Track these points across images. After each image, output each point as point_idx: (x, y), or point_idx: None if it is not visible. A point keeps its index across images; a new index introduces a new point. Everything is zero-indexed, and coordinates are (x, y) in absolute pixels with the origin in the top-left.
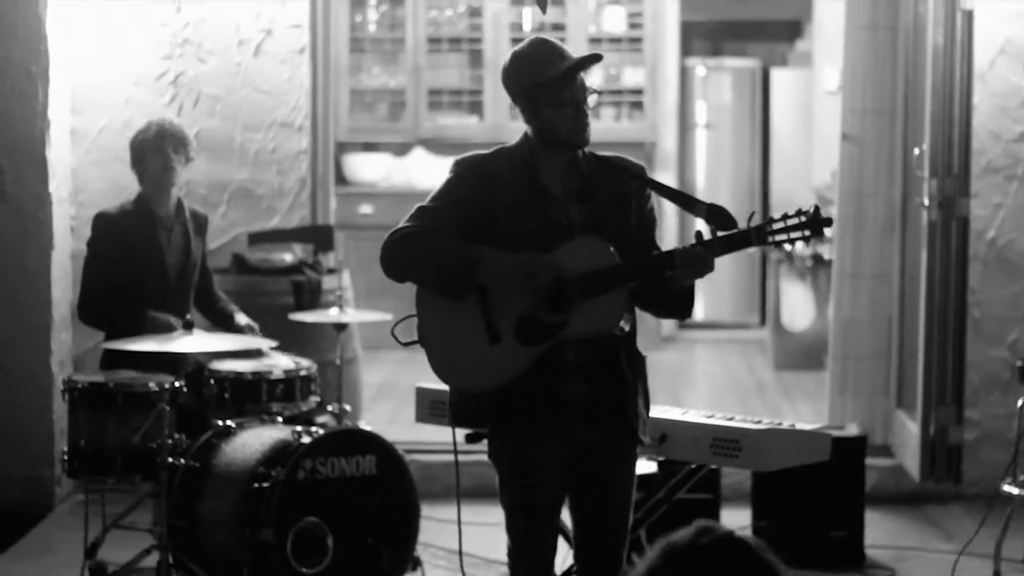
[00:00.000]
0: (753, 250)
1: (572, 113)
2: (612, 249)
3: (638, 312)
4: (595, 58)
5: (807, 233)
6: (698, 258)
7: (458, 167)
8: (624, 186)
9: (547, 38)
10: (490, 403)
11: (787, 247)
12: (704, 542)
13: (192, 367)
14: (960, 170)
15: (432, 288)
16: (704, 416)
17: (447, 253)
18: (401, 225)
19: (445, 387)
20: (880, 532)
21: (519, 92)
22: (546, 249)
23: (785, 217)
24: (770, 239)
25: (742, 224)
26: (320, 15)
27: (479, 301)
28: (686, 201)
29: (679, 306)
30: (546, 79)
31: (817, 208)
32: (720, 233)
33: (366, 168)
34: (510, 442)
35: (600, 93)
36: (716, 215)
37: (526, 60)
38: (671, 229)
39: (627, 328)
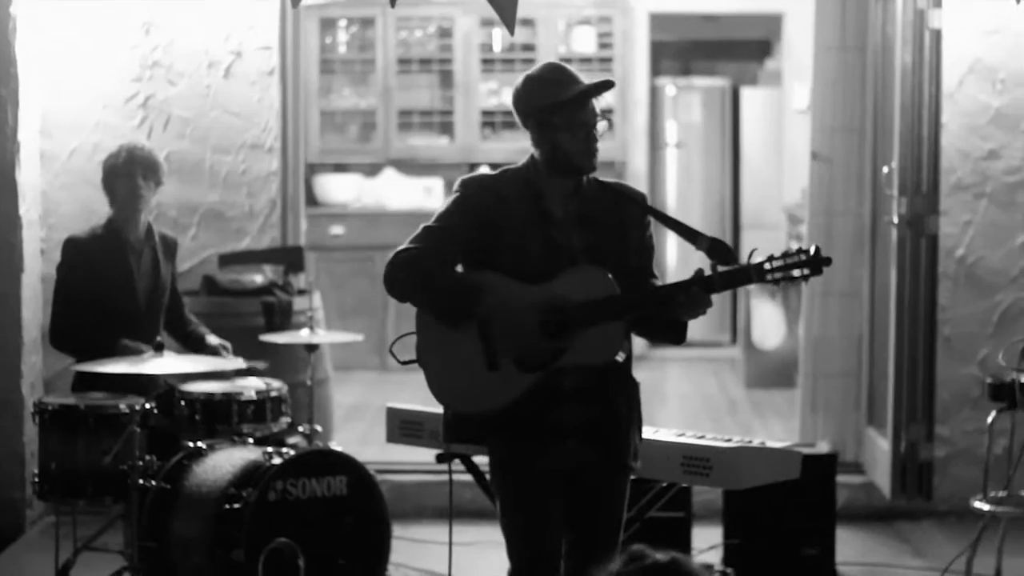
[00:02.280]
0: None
1: (583, 137)
2: (612, 279)
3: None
4: (608, 84)
5: (807, 272)
6: (697, 297)
7: (464, 187)
8: (625, 213)
9: (560, 63)
10: (488, 425)
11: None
12: (632, 569)
13: (163, 389)
14: (929, 188)
15: (432, 316)
16: (675, 435)
17: (448, 285)
18: (405, 246)
19: (416, 407)
20: (851, 549)
21: (531, 113)
22: (548, 272)
23: (786, 255)
24: (769, 277)
25: (743, 258)
26: (290, 37)
27: (479, 327)
28: (688, 233)
29: (673, 334)
30: (559, 101)
31: (818, 248)
32: (721, 268)
33: (337, 189)
34: (508, 464)
35: (610, 120)
36: (717, 250)
37: (540, 82)
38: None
39: (623, 356)
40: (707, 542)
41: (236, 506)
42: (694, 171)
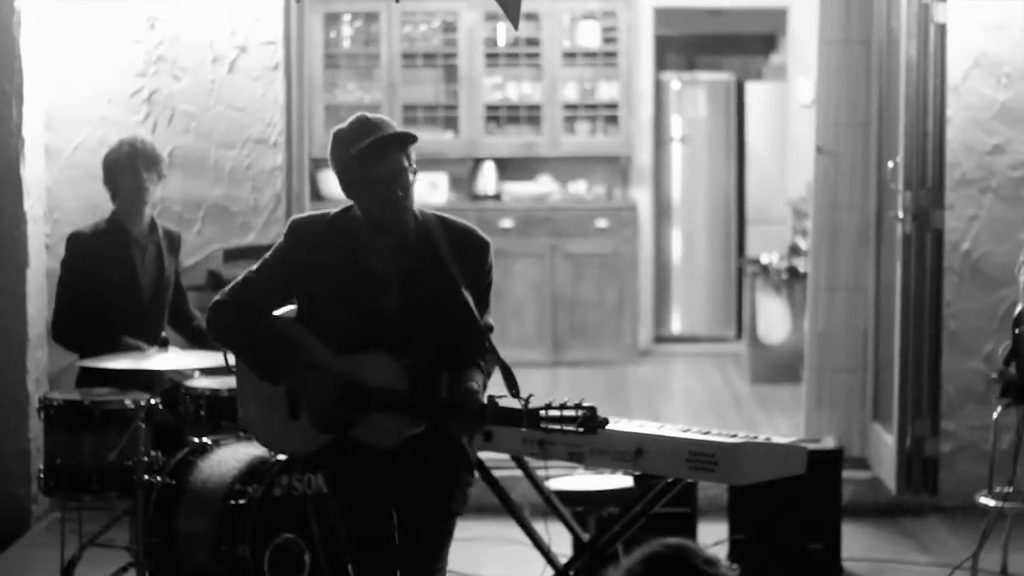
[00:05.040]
0: (732, 263)
1: (381, 192)
2: (404, 371)
3: (614, 325)
4: (404, 137)
5: (580, 430)
6: (469, 423)
7: (289, 234)
8: (462, 263)
9: (368, 115)
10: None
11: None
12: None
13: (168, 384)
14: (934, 182)
15: (249, 369)
16: (680, 430)
17: (258, 350)
18: (224, 296)
19: None
20: (857, 545)
21: (335, 170)
22: (357, 334)
23: (563, 407)
24: (542, 425)
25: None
26: (294, 32)
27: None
28: (491, 347)
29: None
30: (355, 157)
31: (594, 409)
32: (499, 402)
33: None
34: (337, 489)
35: (415, 172)
36: (506, 376)
37: (340, 138)
38: (647, 232)
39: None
40: (712, 537)
41: (241, 502)
42: (699, 166)
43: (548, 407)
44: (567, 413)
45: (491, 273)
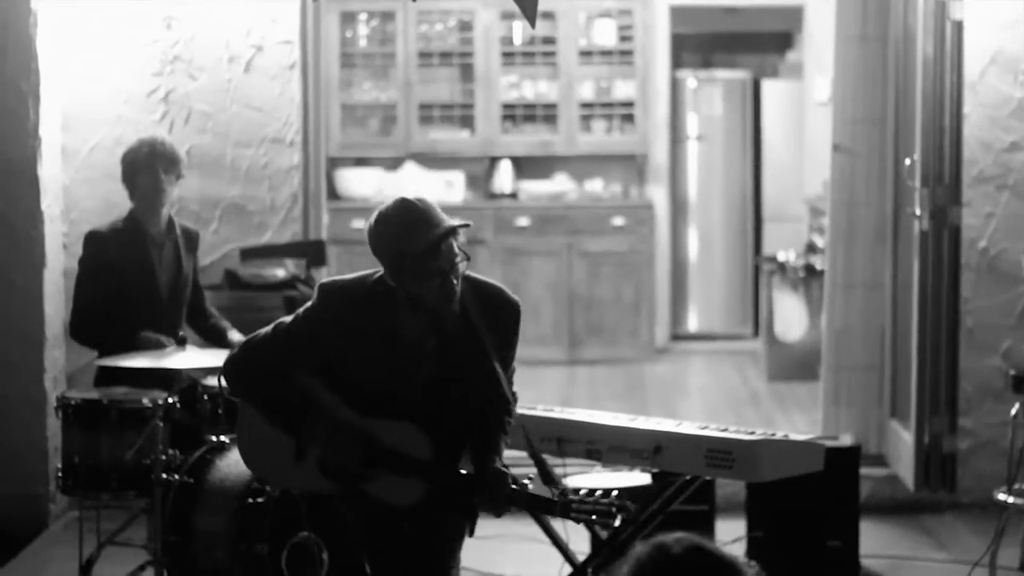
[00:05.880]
0: (748, 261)
1: (438, 284)
2: (429, 445)
3: (631, 323)
4: (462, 227)
5: (609, 522)
6: (498, 503)
7: (322, 301)
8: (494, 328)
9: (415, 201)
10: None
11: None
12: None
13: (186, 383)
14: (951, 180)
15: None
16: (698, 428)
17: (278, 405)
18: (252, 344)
19: None
20: (875, 542)
21: (382, 258)
22: (388, 399)
23: (597, 500)
24: (573, 515)
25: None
26: (310, 31)
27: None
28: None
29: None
30: (410, 251)
31: (625, 504)
32: (530, 489)
33: (358, 183)
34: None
35: (468, 259)
36: (541, 470)
37: (390, 227)
38: (664, 230)
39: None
40: (730, 535)
41: (259, 500)
42: (715, 164)
43: (582, 500)
44: (600, 507)
45: (518, 335)
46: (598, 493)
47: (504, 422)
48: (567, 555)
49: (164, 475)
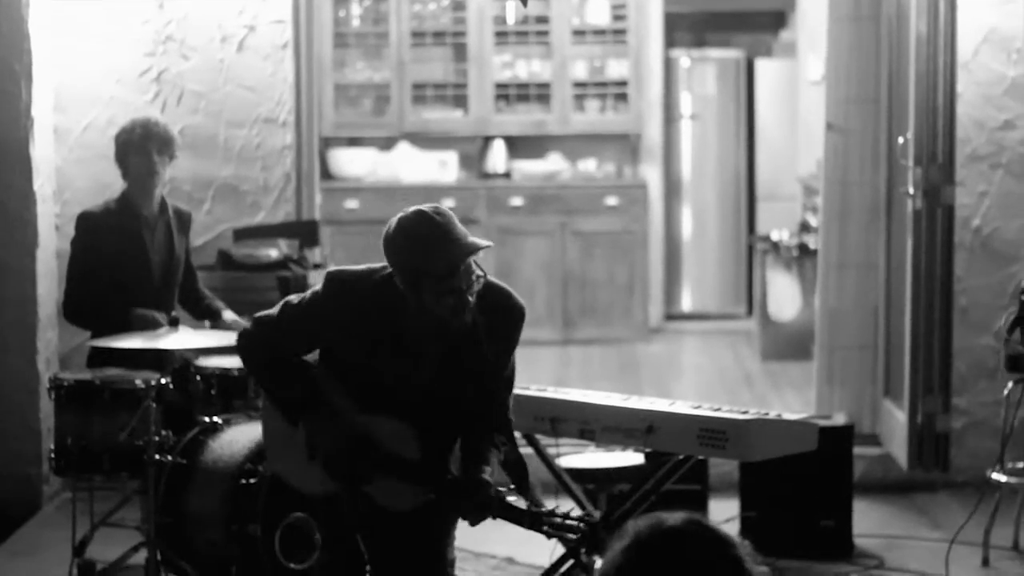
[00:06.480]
0: (742, 241)
1: (453, 302)
2: (416, 444)
3: (625, 303)
4: (484, 247)
5: (577, 545)
6: (478, 510)
7: (329, 290)
8: (495, 332)
9: (434, 216)
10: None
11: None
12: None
13: (178, 364)
14: (945, 159)
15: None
16: (691, 407)
17: (283, 389)
18: (256, 325)
19: None
20: (868, 521)
21: (398, 271)
22: (389, 395)
23: (566, 517)
24: (545, 529)
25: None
26: (303, 10)
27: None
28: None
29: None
30: (429, 271)
31: (596, 525)
32: (508, 497)
33: (351, 163)
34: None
35: (484, 276)
36: (514, 469)
37: (410, 241)
38: (657, 209)
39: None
40: (724, 514)
41: (252, 481)
42: (709, 143)
43: (552, 513)
44: (569, 524)
45: (518, 340)
46: (573, 512)
47: (495, 439)
48: (562, 539)
49: (157, 456)
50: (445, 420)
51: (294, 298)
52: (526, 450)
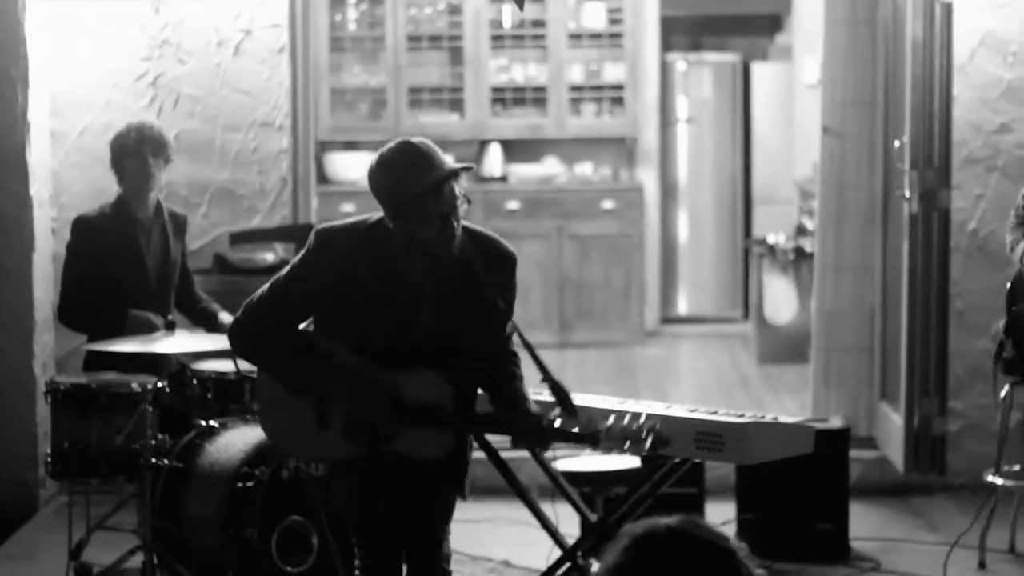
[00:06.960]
0: (738, 244)
1: (440, 226)
2: (449, 388)
3: (621, 306)
4: (465, 170)
5: (641, 447)
6: (528, 436)
7: (317, 241)
8: (490, 276)
9: (417, 143)
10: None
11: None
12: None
13: (175, 367)
14: (941, 162)
15: (281, 385)
16: (687, 410)
17: (290, 363)
18: (251, 308)
19: None
20: (865, 524)
21: (384, 200)
22: (391, 349)
23: (624, 424)
24: (603, 447)
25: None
26: (299, 14)
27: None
28: (539, 362)
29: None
30: (412, 192)
31: (657, 437)
32: (558, 424)
33: (347, 167)
34: (348, 492)
35: (469, 203)
36: (557, 394)
37: (392, 167)
38: (654, 213)
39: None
40: (720, 518)
41: (249, 484)
42: (705, 146)
43: (609, 429)
44: (625, 431)
45: (515, 285)
46: (626, 420)
47: (517, 371)
48: (556, 538)
49: (153, 460)
50: (458, 366)
51: (281, 272)
52: (522, 454)
